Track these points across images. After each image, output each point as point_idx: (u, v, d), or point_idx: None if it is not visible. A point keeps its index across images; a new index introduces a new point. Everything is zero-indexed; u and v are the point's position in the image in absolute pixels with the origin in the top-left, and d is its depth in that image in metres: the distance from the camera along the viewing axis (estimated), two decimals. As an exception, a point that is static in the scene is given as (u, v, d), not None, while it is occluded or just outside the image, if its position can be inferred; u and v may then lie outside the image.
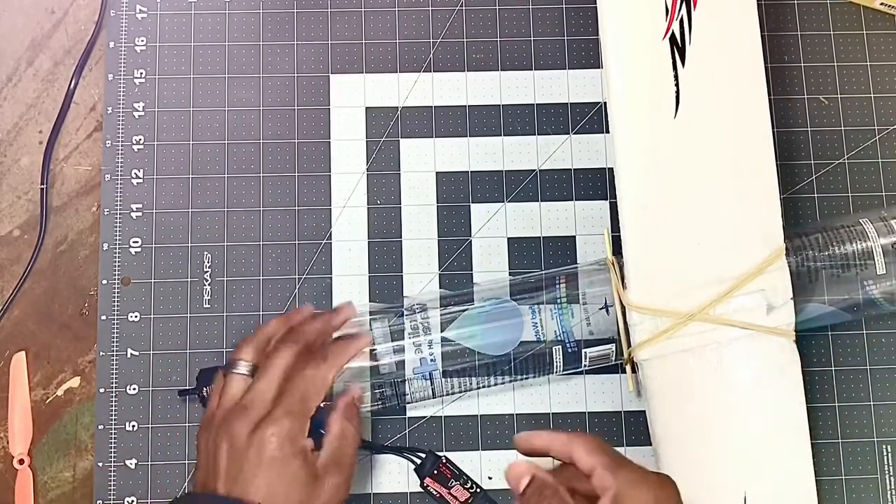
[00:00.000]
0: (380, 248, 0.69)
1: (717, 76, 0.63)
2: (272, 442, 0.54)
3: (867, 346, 0.68)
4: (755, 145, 0.63)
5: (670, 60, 0.62)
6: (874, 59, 0.72)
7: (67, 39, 0.72)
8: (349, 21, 0.72)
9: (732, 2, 0.63)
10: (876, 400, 0.68)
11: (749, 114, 0.63)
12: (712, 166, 0.63)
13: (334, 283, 0.68)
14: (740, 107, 0.63)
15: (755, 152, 0.63)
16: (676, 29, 0.63)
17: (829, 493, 0.66)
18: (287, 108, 0.71)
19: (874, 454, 0.67)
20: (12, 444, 0.66)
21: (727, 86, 0.63)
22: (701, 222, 0.62)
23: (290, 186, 0.70)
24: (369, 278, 0.68)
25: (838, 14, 0.73)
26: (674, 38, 0.62)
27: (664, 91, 0.62)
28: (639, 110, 0.62)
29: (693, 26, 0.63)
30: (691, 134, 0.62)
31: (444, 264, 0.69)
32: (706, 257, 0.62)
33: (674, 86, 0.62)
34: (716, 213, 0.62)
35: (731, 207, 0.62)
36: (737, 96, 0.63)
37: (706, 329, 0.61)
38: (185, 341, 0.67)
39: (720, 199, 0.62)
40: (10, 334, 0.68)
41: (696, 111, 0.62)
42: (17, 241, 0.69)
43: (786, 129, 0.71)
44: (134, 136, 0.70)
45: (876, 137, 0.71)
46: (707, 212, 0.62)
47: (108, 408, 0.66)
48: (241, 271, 0.68)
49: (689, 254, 0.62)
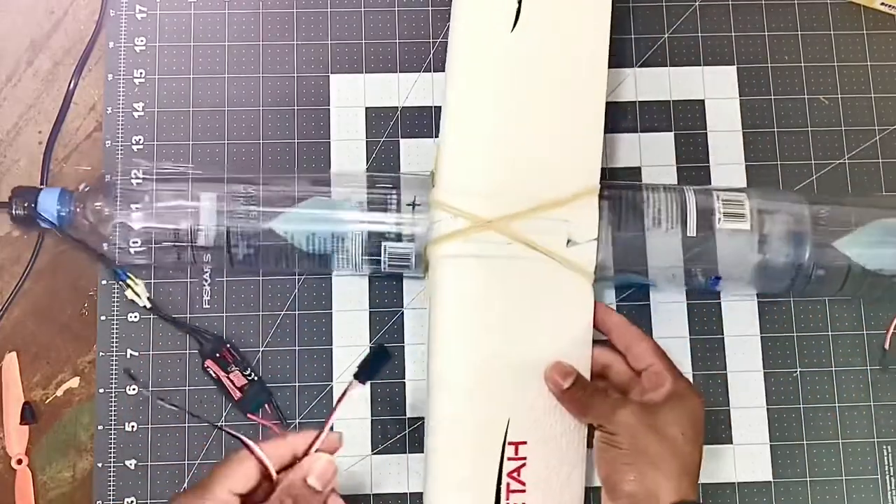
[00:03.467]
0: (380, 248, 0.69)
1: (561, 6, 0.65)
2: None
3: (867, 346, 0.68)
4: (588, 81, 0.64)
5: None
6: (874, 59, 0.72)
7: (67, 39, 0.72)
8: (349, 21, 0.72)
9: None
10: (876, 400, 0.68)
11: (587, 50, 0.65)
12: (542, 90, 0.64)
13: (334, 283, 0.68)
14: (579, 41, 0.65)
15: (587, 88, 0.64)
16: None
17: (829, 493, 0.66)
18: (287, 108, 0.71)
19: (874, 454, 0.67)
20: (9, 444, 0.66)
21: (569, 19, 0.65)
22: (522, 139, 0.63)
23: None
24: (369, 278, 0.68)
25: (838, 14, 0.73)
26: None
27: (507, 5, 0.64)
28: (478, 17, 0.64)
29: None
30: (524, 52, 0.64)
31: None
32: (522, 174, 0.63)
33: (516, 2, 0.64)
34: (539, 135, 0.63)
35: (554, 133, 0.63)
36: (578, 31, 0.65)
37: (505, 241, 0.61)
38: (185, 341, 0.67)
39: (545, 123, 0.63)
40: (9, 334, 0.68)
41: (533, 31, 0.64)
42: (17, 241, 0.69)
43: (786, 129, 0.71)
44: (134, 136, 0.70)
45: (876, 137, 0.71)
46: (531, 131, 0.63)
47: (107, 408, 0.66)
48: (241, 271, 0.68)
49: (506, 166, 0.63)
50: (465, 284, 0.62)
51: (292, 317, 0.68)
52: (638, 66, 0.72)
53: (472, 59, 0.64)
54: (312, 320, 0.68)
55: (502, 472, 0.60)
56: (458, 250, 0.61)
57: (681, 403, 0.58)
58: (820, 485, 0.67)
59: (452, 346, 0.61)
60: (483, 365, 0.61)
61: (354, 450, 0.66)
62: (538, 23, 0.64)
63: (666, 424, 0.57)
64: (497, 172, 0.63)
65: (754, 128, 0.71)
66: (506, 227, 0.61)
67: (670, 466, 0.56)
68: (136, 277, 0.67)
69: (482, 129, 0.63)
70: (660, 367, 0.59)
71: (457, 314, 0.61)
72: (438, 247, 0.62)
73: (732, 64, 0.72)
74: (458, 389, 0.60)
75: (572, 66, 0.64)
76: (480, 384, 0.61)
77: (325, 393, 0.67)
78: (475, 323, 0.61)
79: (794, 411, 0.67)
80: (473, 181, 0.62)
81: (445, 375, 0.61)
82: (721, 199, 0.64)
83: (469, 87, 0.64)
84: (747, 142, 0.71)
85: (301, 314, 0.68)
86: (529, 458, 0.60)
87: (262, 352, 0.67)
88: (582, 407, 0.59)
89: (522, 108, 0.64)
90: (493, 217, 0.62)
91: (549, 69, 0.64)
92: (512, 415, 0.60)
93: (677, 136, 0.71)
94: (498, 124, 0.63)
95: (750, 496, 0.66)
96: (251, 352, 0.67)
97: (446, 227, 0.62)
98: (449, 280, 0.62)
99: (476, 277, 0.62)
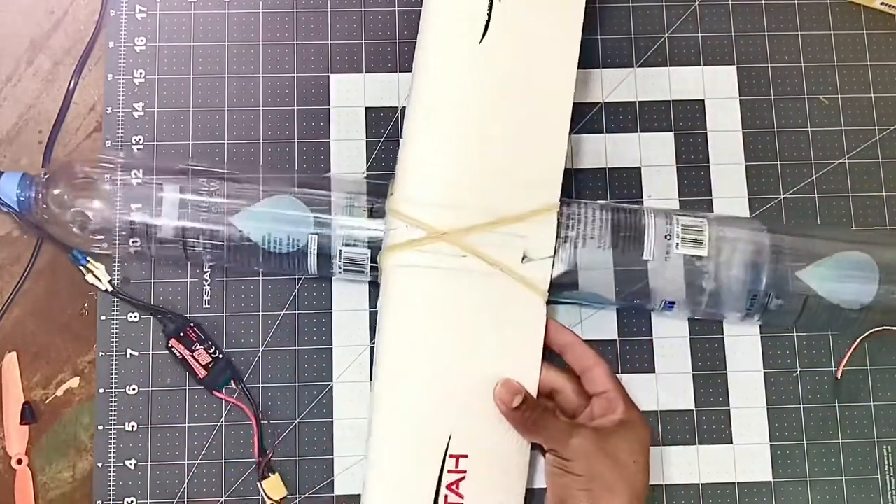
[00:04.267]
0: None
1: (531, 22, 0.64)
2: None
3: (867, 347, 0.68)
4: (555, 99, 0.63)
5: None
6: (874, 59, 0.73)
7: (67, 39, 0.72)
8: (349, 21, 0.72)
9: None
10: (876, 400, 0.68)
11: (555, 68, 0.64)
12: (507, 104, 0.63)
13: (334, 283, 0.68)
14: (548, 59, 0.64)
15: (553, 105, 0.63)
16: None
17: (829, 493, 0.66)
18: (287, 108, 0.71)
19: (874, 454, 0.67)
20: (9, 444, 0.66)
21: (538, 35, 0.64)
22: (484, 152, 0.62)
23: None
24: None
25: (838, 14, 0.73)
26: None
27: (477, 16, 0.63)
28: (447, 26, 0.63)
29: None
30: (491, 65, 0.63)
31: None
32: (482, 188, 0.62)
33: (486, 13, 0.63)
34: (502, 149, 0.63)
35: (517, 149, 0.63)
36: (547, 48, 0.64)
37: (459, 254, 0.61)
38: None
39: (509, 137, 0.63)
40: (9, 334, 0.68)
41: (501, 45, 0.63)
42: (17, 241, 0.69)
43: (786, 129, 0.71)
44: (133, 136, 0.70)
45: (876, 137, 0.71)
46: (493, 145, 0.63)
47: (107, 408, 0.66)
48: (241, 272, 0.68)
49: (466, 179, 0.62)
50: (416, 295, 0.61)
51: (292, 317, 0.68)
52: (638, 66, 0.72)
53: (438, 68, 0.63)
54: (312, 320, 0.68)
55: (441, 483, 0.60)
56: (412, 260, 0.61)
57: (632, 431, 0.58)
58: (820, 485, 0.67)
59: (399, 356, 0.61)
60: (429, 376, 0.61)
61: (357, 448, 0.66)
62: (507, 37, 0.63)
63: (619, 451, 0.57)
64: (456, 184, 0.62)
65: (754, 128, 0.71)
66: (461, 239, 0.61)
67: (624, 493, 0.56)
68: (96, 262, 0.67)
69: (444, 140, 0.62)
70: (614, 394, 0.59)
71: (406, 324, 0.61)
72: (392, 255, 0.61)
73: (732, 64, 0.72)
74: (401, 399, 0.60)
75: (540, 83, 0.64)
76: (425, 395, 0.61)
77: (325, 393, 0.67)
78: (424, 334, 0.61)
79: (794, 411, 0.68)
80: (432, 192, 0.62)
81: (390, 385, 0.60)
82: (681, 223, 0.63)
83: (432, 97, 0.63)
84: (747, 142, 0.71)
85: (301, 314, 0.68)
86: (470, 472, 0.60)
87: (262, 352, 0.67)
88: (531, 426, 0.59)
89: (486, 122, 0.63)
90: (449, 229, 0.61)
91: (515, 84, 0.63)
92: (455, 428, 0.60)
93: (677, 136, 0.71)
94: (460, 136, 0.62)
95: (750, 496, 0.66)
96: (251, 352, 0.67)
97: (401, 236, 0.61)
98: (400, 289, 0.61)
99: (427, 288, 0.61)
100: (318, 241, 0.63)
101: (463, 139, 0.62)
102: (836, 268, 0.63)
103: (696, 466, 0.67)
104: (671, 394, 0.68)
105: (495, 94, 0.63)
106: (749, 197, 0.70)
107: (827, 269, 0.63)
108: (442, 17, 0.63)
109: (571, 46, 0.64)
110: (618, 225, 0.63)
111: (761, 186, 0.70)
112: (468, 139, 0.62)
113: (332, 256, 0.63)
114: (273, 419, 0.66)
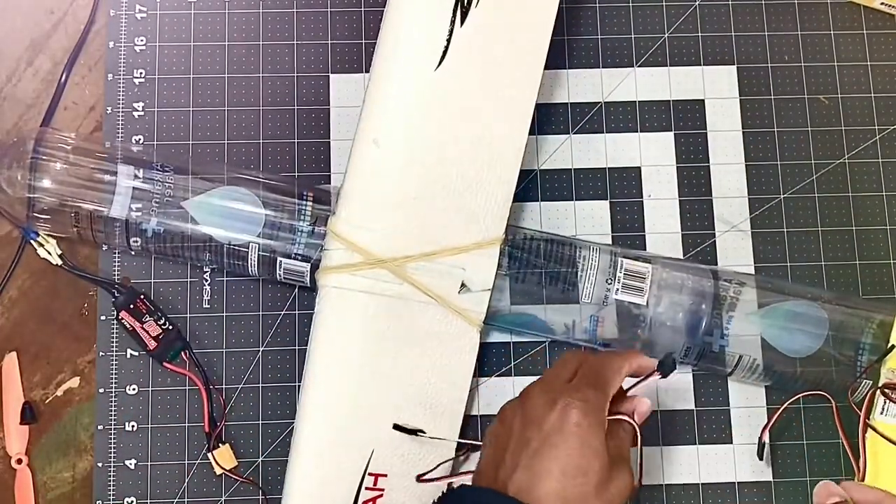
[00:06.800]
0: (380, 248, 0.69)
1: (492, 52, 0.63)
2: (575, 410, 0.50)
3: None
4: (509, 132, 0.63)
5: (450, 16, 0.62)
6: (874, 59, 0.73)
7: (67, 39, 0.72)
8: (349, 21, 0.72)
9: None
10: (876, 400, 0.68)
11: (511, 105, 0.63)
12: (458, 135, 0.62)
13: (334, 283, 0.68)
14: (506, 91, 0.63)
15: (506, 139, 0.63)
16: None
17: (829, 494, 0.66)
18: (287, 108, 0.71)
19: (874, 454, 0.67)
20: (9, 444, 0.66)
21: (497, 67, 0.63)
22: (431, 181, 0.62)
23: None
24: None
25: (838, 14, 0.73)
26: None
27: (435, 42, 0.62)
28: (404, 50, 0.62)
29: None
30: (445, 94, 0.62)
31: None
32: (426, 217, 0.62)
33: (445, 41, 0.62)
34: (449, 179, 0.62)
35: (465, 180, 0.62)
36: (504, 83, 0.63)
37: (396, 280, 0.61)
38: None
39: (457, 168, 0.62)
40: (9, 334, 0.68)
41: (457, 74, 0.62)
42: (17, 241, 0.69)
43: (786, 129, 0.71)
44: (134, 136, 0.70)
45: (876, 137, 0.71)
46: (441, 174, 0.62)
47: (107, 408, 0.66)
48: (240, 271, 0.68)
49: (410, 207, 0.62)
50: (348, 315, 0.61)
51: (292, 317, 0.68)
52: (638, 66, 0.72)
53: (391, 91, 0.62)
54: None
55: (358, 500, 0.60)
56: (347, 283, 0.61)
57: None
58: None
59: (326, 373, 0.61)
60: (354, 395, 0.61)
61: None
62: (464, 65, 0.62)
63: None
64: (399, 211, 0.62)
65: (754, 128, 0.71)
66: (399, 268, 0.61)
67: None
68: (47, 235, 0.67)
69: (390, 167, 0.62)
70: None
71: (337, 342, 0.61)
72: (328, 276, 0.61)
73: (732, 64, 0.72)
74: (325, 416, 0.61)
75: (495, 115, 0.63)
76: (348, 414, 0.61)
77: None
78: (353, 353, 0.61)
79: (794, 411, 0.67)
80: (373, 217, 0.62)
81: (315, 398, 0.61)
82: (624, 268, 0.63)
83: (382, 124, 0.62)
84: (747, 142, 0.71)
85: (301, 314, 0.68)
86: (387, 491, 0.61)
87: (262, 352, 0.67)
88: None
89: (435, 150, 0.62)
90: (388, 257, 0.61)
91: (468, 115, 0.63)
92: (376, 447, 0.61)
93: (677, 136, 0.71)
94: (407, 163, 0.62)
95: (750, 496, 0.66)
96: (251, 352, 0.67)
97: (338, 258, 0.61)
98: (332, 309, 0.61)
99: (361, 310, 0.61)
100: (259, 247, 0.63)
101: (410, 167, 0.62)
102: (775, 319, 0.63)
103: (696, 466, 0.67)
104: (671, 394, 0.68)
105: (446, 123, 0.62)
106: (749, 197, 0.70)
107: (767, 319, 0.63)
108: (398, 41, 0.62)
109: (532, 79, 0.63)
110: (560, 261, 0.63)
111: (761, 186, 0.70)
112: (415, 167, 0.62)
113: (273, 263, 0.64)
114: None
